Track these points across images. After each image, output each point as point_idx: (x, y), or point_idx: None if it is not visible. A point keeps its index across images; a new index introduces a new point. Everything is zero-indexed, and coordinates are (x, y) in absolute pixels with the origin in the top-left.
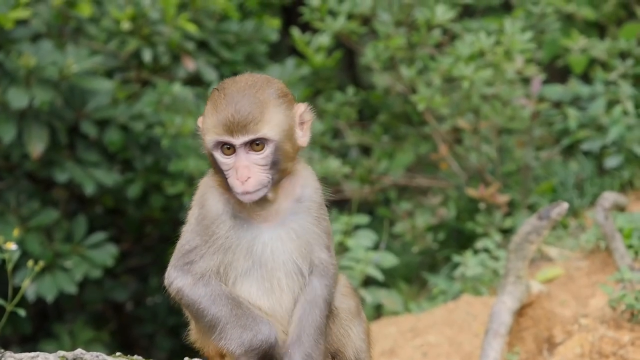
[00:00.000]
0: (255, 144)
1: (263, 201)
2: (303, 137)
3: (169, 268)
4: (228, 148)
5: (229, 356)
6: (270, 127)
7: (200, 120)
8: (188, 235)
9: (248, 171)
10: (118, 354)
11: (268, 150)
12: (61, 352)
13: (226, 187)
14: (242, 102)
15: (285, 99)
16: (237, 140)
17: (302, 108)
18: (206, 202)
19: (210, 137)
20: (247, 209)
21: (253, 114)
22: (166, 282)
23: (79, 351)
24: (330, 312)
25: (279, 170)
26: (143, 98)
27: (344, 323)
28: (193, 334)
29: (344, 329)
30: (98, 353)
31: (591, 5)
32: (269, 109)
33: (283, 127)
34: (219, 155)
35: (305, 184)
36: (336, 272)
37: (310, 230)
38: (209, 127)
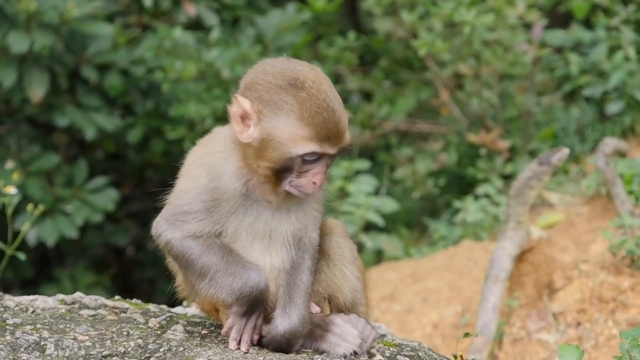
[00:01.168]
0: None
1: (271, 193)
2: None
3: (159, 219)
4: (315, 157)
5: (221, 307)
6: (349, 133)
7: (247, 106)
8: (189, 197)
9: (324, 176)
10: (117, 297)
11: (337, 155)
12: (60, 296)
13: (274, 180)
14: (339, 111)
15: None
16: (333, 150)
17: None
18: (223, 177)
19: (303, 147)
20: (261, 192)
21: (346, 123)
22: (154, 232)
23: (77, 295)
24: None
25: None
26: (143, 43)
27: (339, 265)
28: (184, 290)
29: (340, 271)
30: (97, 297)
31: None
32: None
33: None
34: (300, 161)
35: None
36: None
37: (310, 215)
38: (303, 135)
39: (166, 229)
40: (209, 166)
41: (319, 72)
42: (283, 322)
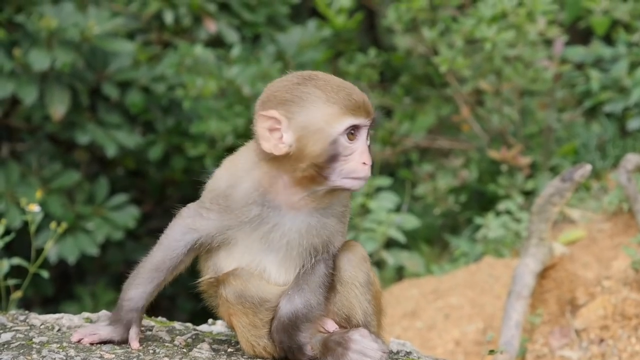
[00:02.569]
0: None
1: (300, 193)
2: None
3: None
4: (352, 133)
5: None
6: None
7: (274, 114)
8: (210, 196)
9: (368, 155)
10: None
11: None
12: (86, 314)
13: (317, 179)
14: (353, 87)
15: None
16: (368, 120)
17: None
18: (239, 187)
19: (340, 123)
20: (285, 197)
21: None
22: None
23: (103, 313)
24: (332, 274)
25: None
26: (164, 60)
27: (352, 288)
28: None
29: (353, 293)
30: None
31: None
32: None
33: None
34: (344, 141)
35: None
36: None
37: (332, 229)
38: (335, 112)
39: (185, 212)
40: (231, 173)
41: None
42: (286, 305)
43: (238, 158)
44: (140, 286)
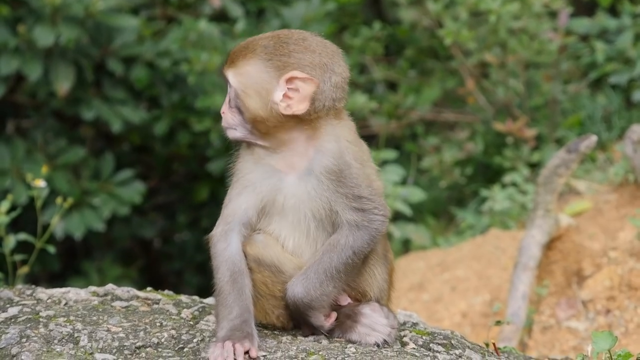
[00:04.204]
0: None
1: (273, 150)
2: (287, 106)
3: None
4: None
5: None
6: (236, 73)
7: None
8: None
9: (225, 106)
10: (149, 288)
11: (232, 92)
12: (92, 288)
13: None
14: (244, 45)
15: (276, 59)
16: (224, 70)
17: (292, 74)
18: (240, 147)
19: None
20: (266, 157)
21: (235, 55)
22: None
23: (109, 286)
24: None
25: (251, 121)
26: (169, 35)
27: (371, 264)
28: None
29: (370, 269)
30: (129, 288)
31: None
32: (248, 58)
33: (251, 81)
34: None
35: (320, 149)
36: (379, 226)
37: (328, 194)
38: None
39: (217, 225)
40: None
41: (294, 33)
42: (289, 291)
43: None
44: (234, 303)
